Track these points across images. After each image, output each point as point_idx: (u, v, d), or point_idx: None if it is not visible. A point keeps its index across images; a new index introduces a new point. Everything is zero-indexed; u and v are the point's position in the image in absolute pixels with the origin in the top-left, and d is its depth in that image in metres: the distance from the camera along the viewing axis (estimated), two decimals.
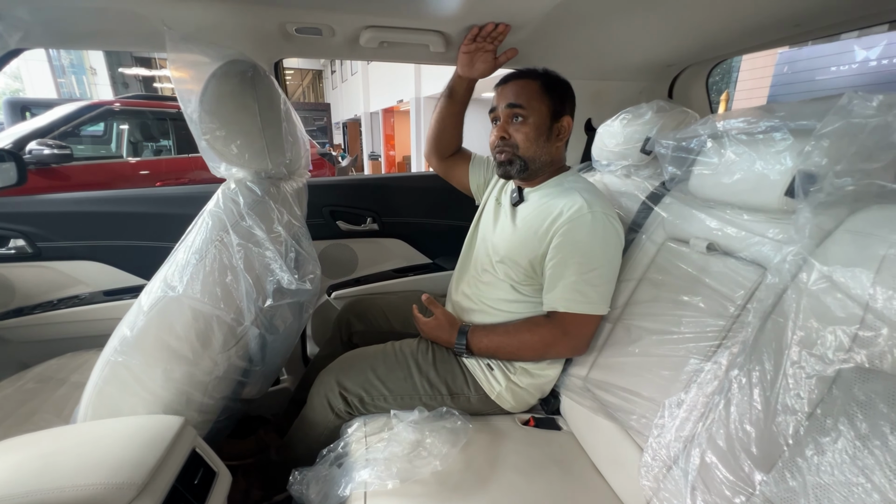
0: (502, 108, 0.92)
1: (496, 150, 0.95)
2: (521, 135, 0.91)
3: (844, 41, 3.63)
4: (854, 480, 0.47)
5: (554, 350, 0.92)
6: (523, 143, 0.91)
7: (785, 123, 0.64)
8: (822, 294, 0.56)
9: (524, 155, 0.92)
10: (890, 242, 0.52)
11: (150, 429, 0.65)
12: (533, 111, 0.90)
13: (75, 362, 1.14)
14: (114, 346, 0.71)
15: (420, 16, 0.92)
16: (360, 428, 0.91)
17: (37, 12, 0.84)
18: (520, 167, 0.93)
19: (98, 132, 3.59)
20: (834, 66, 3.78)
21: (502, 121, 0.93)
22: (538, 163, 0.94)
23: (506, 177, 0.99)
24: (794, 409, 0.55)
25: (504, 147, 0.93)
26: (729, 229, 0.74)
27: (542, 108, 0.91)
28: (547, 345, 0.90)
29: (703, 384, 0.68)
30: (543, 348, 0.91)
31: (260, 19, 0.92)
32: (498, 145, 0.94)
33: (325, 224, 1.42)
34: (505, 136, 0.92)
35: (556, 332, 0.89)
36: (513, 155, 0.93)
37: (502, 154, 0.94)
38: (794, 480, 0.52)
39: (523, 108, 0.90)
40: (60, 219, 1.32)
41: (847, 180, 0.56)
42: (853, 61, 3.64)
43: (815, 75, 3.90)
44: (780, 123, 0.64)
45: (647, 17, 0.89)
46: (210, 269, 0.71)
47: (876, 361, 0.51)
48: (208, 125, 0.75)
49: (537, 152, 0.93)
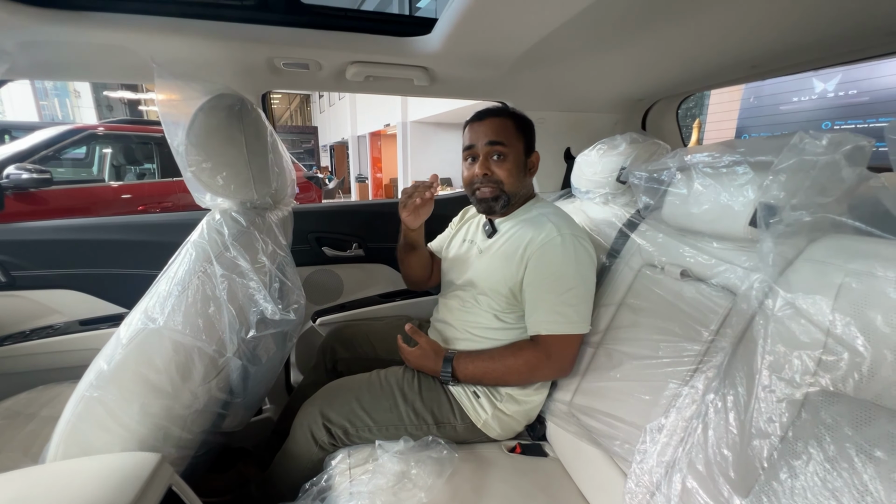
0: (482, 145, 0.94)
1: (477, 186, 0.96)
2: (504, 171, 0.94)
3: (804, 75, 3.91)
4: (825, 503, 0.49)
5: (539, 373, 0.93)
6: (507, 179, 0.94)
7: (746, 158, 0.68)
8: (787, 320, 0.59)
9: (509, 190, 0.95)
10: (846, 271, 0.56)
11: (125, 467, 0.63)
12: (512, 148, 0.94)
13: (46, 396, 1.10)
14: (89, 380, 0.70)
15: (404, 53, 0.96)
16: (343, 460, 0.89)
17: (24, 45, 0.85)
18: (504, 202, 0.96)
19: (80, 155, 3.55)
20: (795, 97, 4.08)
21: (483, 158, 0.95)
22: (518, 196, 0.99)
23: (489, 212, 1.01)
24: (767, 432, 0.57)
25: (488, 183, 0.95)
26: (700, 257, 0.78)
27: (519, 145, 0.95)
28: (532, 368, 0.91)
29: (682, 408, 0.69)
30: (529, 372, 0.92)
31: (248, 54, 0.95)
32: (481, 181, 0.95)
33: (310, 250, 1.42)
34: (488, 173, 0.94)
35: (540, 356, 0.90)
36: (499, 191, 0.95)
37: (486, 190, 0.95)
38: (773, 500, 0.53)
39: (504, 146, 0.93)
40: (36, 247, 1.29)
41: (803, 213, 0.60)
42: (813, 93, 3.94)
43: (779, 105, 4.19)
44: (742, 158, 0.69)
45: (616, 57, 0.95)
46: (192, 301, 0.71)
47: (839, 385, 0.54)
48: (194, 157, 0.76)
49: (518, 186, 0.97)
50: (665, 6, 0.67)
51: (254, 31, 0.87)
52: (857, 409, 0.51)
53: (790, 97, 4.09)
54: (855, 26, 0.74)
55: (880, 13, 0.69)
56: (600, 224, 1.09)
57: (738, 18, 0.74)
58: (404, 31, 0.93)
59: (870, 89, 3.63)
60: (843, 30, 0.76)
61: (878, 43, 0.80)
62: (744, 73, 0.97)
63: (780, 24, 0.77)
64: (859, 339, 0.52)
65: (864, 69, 3.61)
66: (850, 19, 0.72)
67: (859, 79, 3.64)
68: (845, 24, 0.74)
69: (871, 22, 0.72)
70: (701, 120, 4.78)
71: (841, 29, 0.75)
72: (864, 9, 0.69)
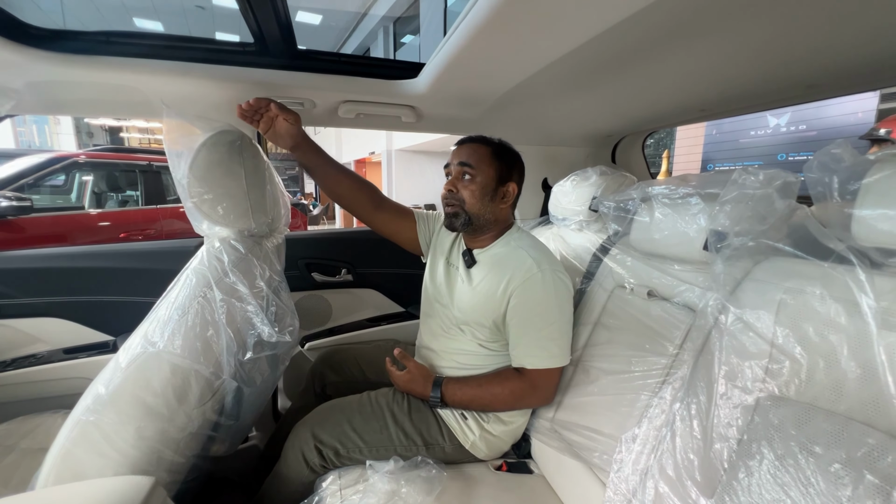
0: (454, 164, 1.01)
1: (445, 201, 1.02)
2: (467, 192, 0.98)
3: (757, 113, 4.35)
4: (777, 498, 0.54)
5: (524, 402, 0.98)
6: (469, 200, 0.98)
7: (697, 191, 0.78)
8: (738, 333, 0.67)
9: (469, 210, 0.99)
10: (783, 289, 0.64)
11: (119, 491, 0.64)
12: (481, 172, 0.98)
13: (26, 427, 1.07)
14: (86, 404, 0.71)
15: (392, 94, 1.04)
16: (334, 481, 0.91)
17: (32, 85, 0.90)
18: (464, 221, 1.00)
19: (58, 182, 3.51)
20: (753, 131, 4.48)
21: (453, 176, 1.01)
22: (482, 220, 1.00)
23: (451, 228, 1.03)
24: (726, 436, 0.63)
25: (452, 200, 1.00)
26: (664, 278, 0.86)
27: (490, 171, 0.99)
28: (517, 398, 0.96)
29: (653, 418, 0.75)
30: (514, 401, 0.97)
31: (248, 94, 1.01)
32: (447, 198, 1.01)
33: (300, 276, 1.46)
34: (453, 190, 1.00)
35: (524, 387, 0.95)
36: (459, 209, 0.99)
37: (449, 207, 1.01)
38: (734, 499, 0.59)
39: (472, 168, 0.97)
40: (19, 275, 1.29)
41: (746, 238, 0.69)
42: (768, 128, 4.34)
43: (739, 138, 4.59)
44: (694, 191, 0.78)
45: (587, 97, 1.06)
46: (192, 325, 0.74)
47: (784, 390, 0.61)
48: (196, 189, 0.81)
49: (481, 210, 0.99)
50: (631, 56, 0.77)
51: (253, 73, 0.94)
52: (798, 411, 0.58)
53: (748, 132, 4.50)
54: (777, 79, 0.87)
55: (799, 69, 0.82)
56: (576, 248, 1.18)
57: (691, 68, 0.85)
58: (393, 74, 1.02)
59: (818, 126, 4.09)
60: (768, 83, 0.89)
61: (799, 94, 0.95)
62: (695, 115, 1.10)
63: (724, 75, 0.89)
64: (797, 349, 0.60)
65: (811, 109, 4.05)
66: (773, 74, 0.84)
67: (808, 118, 4.09)
68: (771, 79, 0.86)
69: (791, 76, 0.85)
70: (670, 151, 5.12)
71: (767, 82, 0.89)
72: (786, 66, 0.81)
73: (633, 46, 0.72)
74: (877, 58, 0.76)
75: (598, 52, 0.74)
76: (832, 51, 0.74)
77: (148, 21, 6.71)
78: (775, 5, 0.59)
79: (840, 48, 0.73)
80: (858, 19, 0.63)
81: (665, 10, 0.59)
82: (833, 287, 0.57)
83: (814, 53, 0.75)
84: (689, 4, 0.59)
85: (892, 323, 0.51)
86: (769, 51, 0.75)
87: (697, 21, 0.64)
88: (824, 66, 0.80)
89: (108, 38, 0.85)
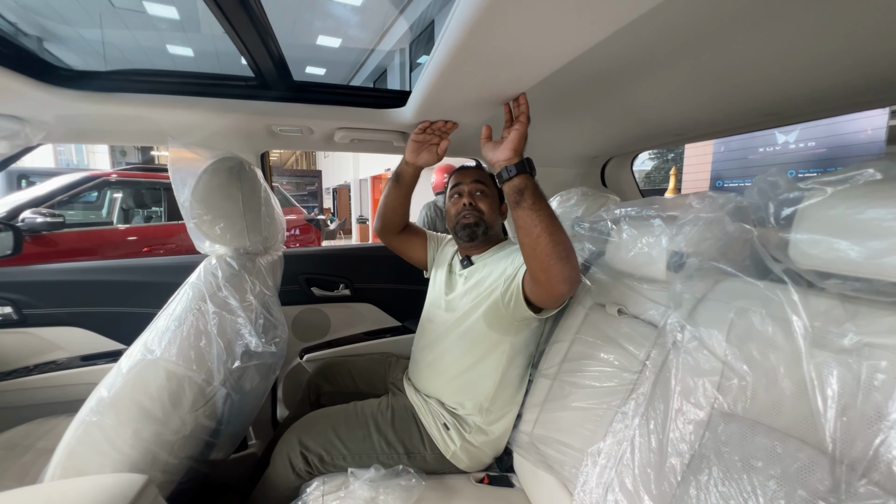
0: (468, 183, 1.14)
1: (463, 214, 1.11)
2: (484, 204, 1.13)
3: None
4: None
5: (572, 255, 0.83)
6: (487, 210, 1.12)
7: (659, 213, 0.81)
8: (693, 351, 0.69)
9: (487, 220, 1.12)
10: (735, 308, 0.66)
11: (114, 486, 0.70)
12: (491, 189, 1.14)
13: (43, 429, 1.16)
14: (90, 406, 0.78)
15: (383, 122, 1.12)
16: (318, 487, 0.95)
17: (61, 118, 1.01)
18: (484, 229, 1.11)
19: (90, 199, 3.75)
20: (762, 148, 4.42)
21: (467, 193, 1.13)
22: (494, 229, 1.15)
23: (472, 238, 1.12)
24: (680, 450, 0.66)
25: (472, 211, 1.11)
26: (633, 296, 0.89)
27: (495, 190, 1.15)
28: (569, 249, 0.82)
29: (616, 433, 0.77)
30: (567, 251, 0.81)
31: (250, 123, 1.11)
32: (467, 209, 1.11)
33: (300, 290, 1.53)
34: (472, 202, 1.12)
35: None
36: (479, 218, 1.11)
37: (470, 217, 1.11)
38: None
39: (486, 186, 1.14)
40: (46, 287, 1.41)
41: (701, 260, 0.72)
42: (776, 144, 4.28)
43: (748, 154, 4.53)
44: (656, 213, 0.81)
45: (564, 123, 1.12)
46: (187, 335, 0.81)
47: (733, 406, 0.63)
48: (197, 211, 0.89)
49: (493, 220, 1.14)
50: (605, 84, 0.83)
51: (254, 105, 1.04)
52: (744, 427, 0.60)
53: (757, 149, 4.45)
54: (738, 105, 0.90)
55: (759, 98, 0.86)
56: None
57: (661, 96, 0.90)
58: (382, 103, 1.09)
59: (828, 144, 4.01)
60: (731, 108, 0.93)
61: (760, 120, 0.99)
62: (670, 138, 1.14)
63: (695, 100, 0.93)
64: (744, 366, 0.62)
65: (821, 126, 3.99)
66: (736, 100, 0.88)
67: (817, 135, 4.02)
68: (734, 104, 0.90)
69: (752, 104, 0.89)
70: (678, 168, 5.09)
71: (730, 108, 0.93)
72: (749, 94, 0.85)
73: (604, 77, 0.78)
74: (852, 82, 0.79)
75: (573, 81, 0.80)
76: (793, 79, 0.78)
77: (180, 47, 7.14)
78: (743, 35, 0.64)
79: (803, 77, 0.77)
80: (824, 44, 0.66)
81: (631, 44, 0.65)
82: (772, 307, 0.60)
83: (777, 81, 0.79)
84: (648, 44, 0.64)
85: (822, 343, 0.54)
86: (728, 80, 0.79)
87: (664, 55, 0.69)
88: (787, 93, 0.84)
89: (125, 76, 0.95)
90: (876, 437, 0.45)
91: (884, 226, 0.48)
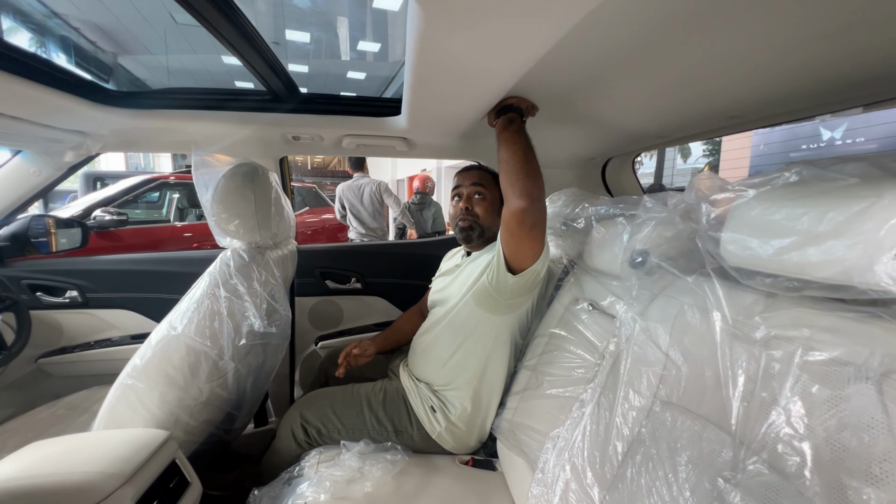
0: (467, 185, 1.18)
1: (461, 217, 1.17)
2: (481, 208, 1.16)
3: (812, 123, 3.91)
4: (652, 486, 0.61)
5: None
6: (483, 214, 1.16)
7: (623, 212, 0.85)
8: (642, 343, 0.73)
9: (482, 223, 1.16)
10: (680, 304, 0.70)
11: (142, 437, 0.85)
12: (490, 192, 1.17)
13: (98, 394, 1.37)
14: (127, 371, 0.94)
15: (383, 129, 1.22)
16: (315, 456, 1.07)
17: (114, 131, 1.20)
18: (479, 233, 1.16)
19: (153, 199, 4.18)
20: (805, 144, 4.07)
21: (466, 196, 1.17)
22: (491, 231, 1.17)
23: (467, 241, 1.19)
24: (623, 435, 0.70)
25: (467, 216, 1.16)
26: (602, 291, 0.93)
27: (496, 192, 1.17)
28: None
29: (574, 419, 0.82)
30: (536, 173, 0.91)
31: (267, 132, 1.25)
32: (463, 214, 1.17)
33: (315, 283, 1.67)
34: (469, 208, 1.16)
35: None
36: (474, 223, 1.16)
37: (465, 222, 1.16)
38: (619, 492, 0.66)
39: (485, 188, 1.16)
40: (106, 275, 1.64)
41: (656, 258, 0.75)
42: (821, 141, 3.92)
43: (790, 152, 4.19)
44: (620, 212, 0.85)
45: (563, 126, 1.17)
46: (203, 315, 0.95)
47: (671, 395, 0.67)
48: (216, 210, 1.03)
49: (492, 223, 1.16)
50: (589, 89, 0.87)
51: (270, 116, 1.18)
52: (676, 414, 0.64)
53: (799, 144, 4.10)
54: (712, 110, 0.92)
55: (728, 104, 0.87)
56: (553, 261, 1.26)
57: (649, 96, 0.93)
58: (380, 112, 1.20)
59: (877, 136, 3.60)
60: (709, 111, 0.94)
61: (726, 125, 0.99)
62: (654, 140, 1.15)
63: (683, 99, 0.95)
64: (681, 358, 0.66)
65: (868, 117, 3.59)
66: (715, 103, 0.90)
67: (863, 126, 3.61)
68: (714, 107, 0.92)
69: (719, 109, 0.90)
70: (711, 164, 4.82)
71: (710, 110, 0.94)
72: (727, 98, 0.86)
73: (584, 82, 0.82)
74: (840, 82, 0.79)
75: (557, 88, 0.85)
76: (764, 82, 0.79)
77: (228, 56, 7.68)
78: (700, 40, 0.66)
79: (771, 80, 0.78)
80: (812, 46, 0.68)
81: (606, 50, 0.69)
82: (704, 302, 0.63)
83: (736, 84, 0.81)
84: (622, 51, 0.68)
85: (740, 335, 0.57)
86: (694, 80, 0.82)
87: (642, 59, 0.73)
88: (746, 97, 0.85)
89: (162, 95, 1.12)
90: (766, 420, 0.49)
91: (788, 225, 0.51)
